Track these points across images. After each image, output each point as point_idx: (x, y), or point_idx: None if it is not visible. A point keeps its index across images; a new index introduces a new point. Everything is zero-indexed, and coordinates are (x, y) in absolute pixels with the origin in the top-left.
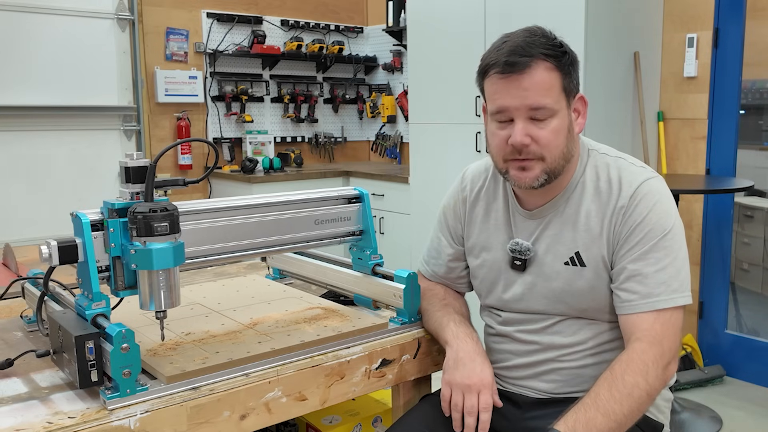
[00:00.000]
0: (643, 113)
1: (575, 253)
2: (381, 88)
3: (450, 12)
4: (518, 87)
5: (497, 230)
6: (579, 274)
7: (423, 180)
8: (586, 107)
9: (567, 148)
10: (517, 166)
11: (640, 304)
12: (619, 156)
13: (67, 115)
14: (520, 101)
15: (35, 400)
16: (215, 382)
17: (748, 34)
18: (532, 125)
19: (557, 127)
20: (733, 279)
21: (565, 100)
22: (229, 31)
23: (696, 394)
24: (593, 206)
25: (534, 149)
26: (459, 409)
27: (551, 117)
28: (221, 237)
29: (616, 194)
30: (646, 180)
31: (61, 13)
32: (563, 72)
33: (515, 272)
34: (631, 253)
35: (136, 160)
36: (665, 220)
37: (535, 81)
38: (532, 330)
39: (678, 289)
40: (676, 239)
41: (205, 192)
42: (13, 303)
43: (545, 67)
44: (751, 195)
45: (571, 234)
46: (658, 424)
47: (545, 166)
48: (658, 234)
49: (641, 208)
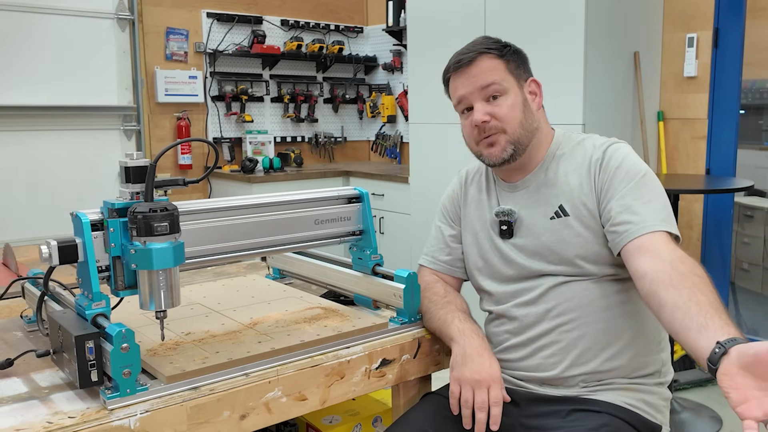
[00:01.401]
0: (643, 113)
1: (559, 206)
2: (381, 88)
3: (450, 12)
4: (468, 76)
5: (487, 202)
6: (565, 223)
7: (423, 180)
8: (540, 87)
9: (525, 120)
10: (485, 144)
11: (638, 228)
12: (591, 134)
13: (67, 115)
14: (471, 86)
15: (35, 400)
16: (215, 382)
17: (748, 34)
18: (488, 105)
19: (511, 102)
20: (733, 279)
21: (515, 80)
22: (229, 31)
23: (696, 394)
24: (570, 167)
25: (494, 124)
26: (469, 405)
27: (503, 95)
28: (221, 237)
29: (589, 153)
30: (614, 143)
31: (61, 13)
32: (505, 59)
33: (504, 239)
34: (615, 192)
35: (136, 160)
36: (639, 165)
37: (481, 68)
38: (525, 302)
39: (667, 219)
40: (655, 181)
41: (205, 192)
42: (13, 303)
43: (488, 57)
44: (751, 195)
45: (552, 191)
46: (657, 426)
47: (508, 137)
48: (636, 175)
49: (616, 157)
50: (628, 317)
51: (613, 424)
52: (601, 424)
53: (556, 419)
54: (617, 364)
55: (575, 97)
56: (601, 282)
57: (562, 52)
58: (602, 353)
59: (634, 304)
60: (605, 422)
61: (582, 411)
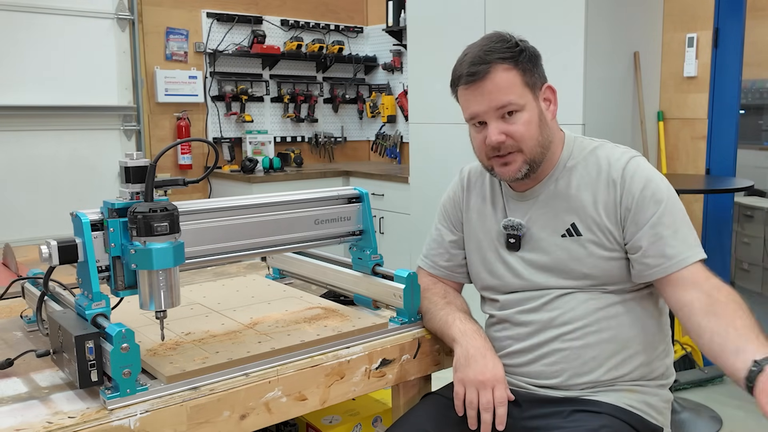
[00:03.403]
0: (643, 113)
1: (571, 225)
2: (381, 87)
3: (450, 12)
4: (482, 93)
5: (493, 213)
6: (577, 242)
7: (423, 180)
8: (555, 94)
9: (542, 136)
10: (499, 163)
11: (674, 264)
12: (603, 141)
13: (67, 115)
14: (487, 105)
15: (35, 400)
16: (215, 382)
17: (748, 34)
18: (504, 123)
19: (527, 120)
20: (733, 279)
21: (531, 93)
22: (229, 30)
23: (696, 394)
24: (583, 181)
25: (510, 144)
26: (474, 406)
27: (519, 111)
28: (221, 237)
29: (605, 169)
30: (632, 157)
31: (61, 13)
32: (521, 69)
33: (511, 252)
34: (643, 219)
35: (136, 160)
36: (662, 187)
37: (496, 83)
38: (530, 309)
39: (696, 244)
40: (678, 202)
41: (205, 192)
42: (13, 303)
43: (503, 68)
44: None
45: (564, 207)
46: (657, 427)
47: (525, 156)
48: (663, 200)
49: (638, 177)
50: (633, 326)
51: (613, 425)
52: (601, 425)
53: (557, 420)
54: (621, 372)
55: (575, 97)
56: (608, 292)
57: (562, 52)
58: (607, 362)
59: (640, 313)
60: (605, 423)
61: (583, 412)
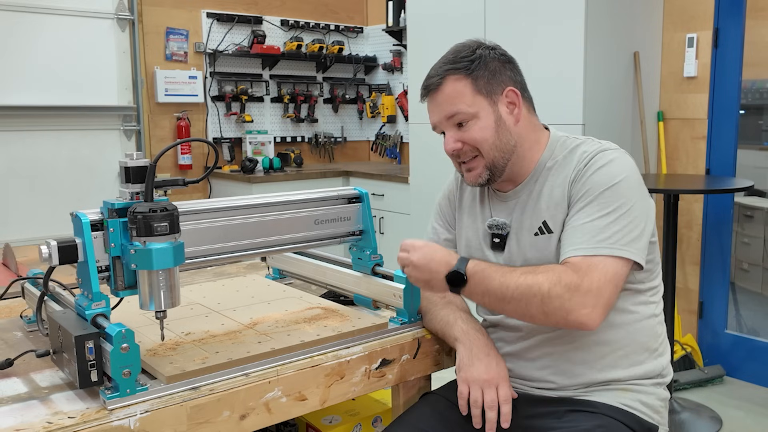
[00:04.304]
0: (642, 113)
1: (543, 222)
2: (381, 88)
3: (450, 12)
4: (435, 104)
5: (481, 213)
6: (548, 241)
7: (423, 180)
8: (519, 96)
9: (501, 141)
10: (464, 169)
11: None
12: (587, 138)
13: (67, 115)
14: (439, 115)
15: (35, 400)
16: (215, 382)
17: (748, 34)
18: (459, 131)
19: (482, 126)
20: (733, 279)
21: (486, 100)
22: (229, 31)
23: (696, 394)
24: (557, 180)
25: (467, 150)
26: (479, 405)
27: (472, 119)
28: (221, 237)
29: (575, 162)
30: (603, 150)
31: (61, 13)
32: (474, 77)
33: (495, 252)
34: (574, 208)
35: (136, 160)
36: (611, 178)
37: (447, 94)
38: None
39: (607, 240)
40: (636, 203)
41: (205, 192)
42: (13, 303)
43: (453, 79)
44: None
45: (538, 206)
46: (653, 426)
47: (485, 161)
48: (598, 189)
49: (591, 166)
50: (621, 327)
51: (608, 424)
52: (596, 425)
53: (552, 420)
54: (614, 372)
55: (575, 96)
56: None
57: (562, 52)
58: (597, 363)
59: (627, 314)
60: (601, 423)
61: (578, 411)
